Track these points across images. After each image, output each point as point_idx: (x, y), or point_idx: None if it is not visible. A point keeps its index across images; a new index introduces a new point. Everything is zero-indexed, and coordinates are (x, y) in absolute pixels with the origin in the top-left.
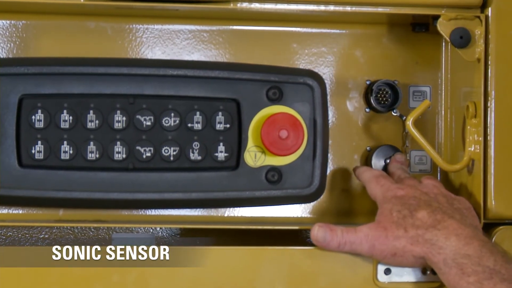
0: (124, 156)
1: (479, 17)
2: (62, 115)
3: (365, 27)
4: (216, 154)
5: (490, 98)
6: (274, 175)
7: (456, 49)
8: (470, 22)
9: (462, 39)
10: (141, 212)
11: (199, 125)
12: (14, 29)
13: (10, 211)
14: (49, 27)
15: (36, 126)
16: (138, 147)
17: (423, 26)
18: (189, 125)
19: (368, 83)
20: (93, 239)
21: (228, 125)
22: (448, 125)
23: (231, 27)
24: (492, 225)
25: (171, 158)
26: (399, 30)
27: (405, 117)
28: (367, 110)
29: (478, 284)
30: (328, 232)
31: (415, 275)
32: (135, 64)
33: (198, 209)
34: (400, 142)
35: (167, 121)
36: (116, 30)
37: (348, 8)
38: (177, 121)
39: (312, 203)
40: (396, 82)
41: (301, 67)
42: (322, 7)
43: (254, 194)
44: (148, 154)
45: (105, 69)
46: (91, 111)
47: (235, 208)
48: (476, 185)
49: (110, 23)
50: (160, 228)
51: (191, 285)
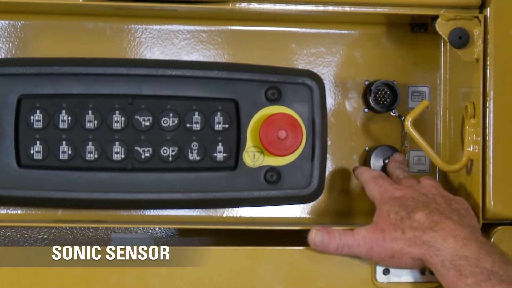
0: (123, 156)
1: (477, 17)
2: (60, 115)
3: (364, 27)
4: (215, 154)
5: (488, 99)
6: (273, 175)
7: (455, 49)
8: (468, 23)
9: (460, 39)
10: (140, 212)
11: (197, 125)
12: (12, 29)
13: (9, 211)
14: (48, 27)
15: (35, 126)
16: (137, 147)
17: (421, 26)
18: (187, 125)
19: (367, 83)
20: (91, 239)
21: (226, 126)
22: (446, 125)
23: (229, 27)
24: (491, 225)
25: (170, 158)
26: (397, 31)
27: (403, 117)
28: (366, 110)
29: (476, 285)
30: (326, 236)
31: (413, 275)
32: (133, 64)
33: (197, 209)
34: (399, 142)
35: (165, 122)
36: (115, 30)
37: (346, 9)
38: (175, 121)
39: (311, 203)
40: (395, 82)
41: (299, 67)
42: (320, 8)
43: (253, 194)
44: (147, 154)
45: (103, 70)
46: (89, 112)
47: (234, 208)
48: (474, 185)
49: (108, 23)
50: (159, 228)
51: (190, 285)
